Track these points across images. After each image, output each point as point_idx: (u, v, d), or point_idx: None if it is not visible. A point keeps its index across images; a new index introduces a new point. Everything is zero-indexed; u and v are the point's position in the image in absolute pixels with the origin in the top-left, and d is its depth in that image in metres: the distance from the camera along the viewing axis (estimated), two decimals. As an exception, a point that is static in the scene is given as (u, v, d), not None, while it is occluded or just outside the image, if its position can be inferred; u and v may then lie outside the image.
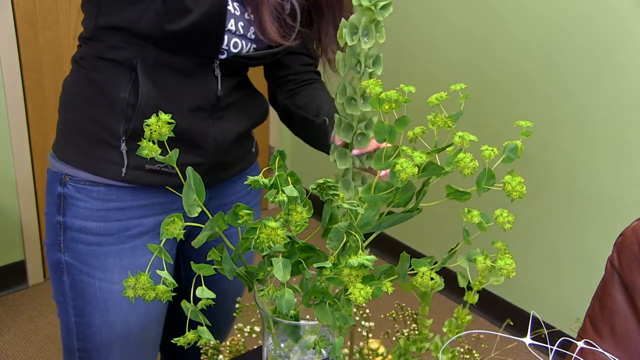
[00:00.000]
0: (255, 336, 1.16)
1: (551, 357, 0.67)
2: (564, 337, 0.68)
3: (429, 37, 2.53)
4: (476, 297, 0.93)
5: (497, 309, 2.44)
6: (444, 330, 0.95)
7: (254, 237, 0.66)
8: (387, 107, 0.71)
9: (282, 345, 0.80)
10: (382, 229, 0.73)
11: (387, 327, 1.06)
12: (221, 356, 1.11)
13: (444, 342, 0.95)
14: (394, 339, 1.01)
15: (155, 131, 0.68)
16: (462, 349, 0.99)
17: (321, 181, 0.69)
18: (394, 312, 1.02)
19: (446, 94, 0.72)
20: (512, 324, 1.12)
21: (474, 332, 0.80)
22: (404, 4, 2.57)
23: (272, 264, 0.66)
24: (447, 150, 0.70)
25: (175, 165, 0.70)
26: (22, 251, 2.54)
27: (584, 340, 0.83)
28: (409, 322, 1.01)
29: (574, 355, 0.69)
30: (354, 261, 0.63)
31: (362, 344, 1.08)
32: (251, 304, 1.13)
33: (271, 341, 0.80)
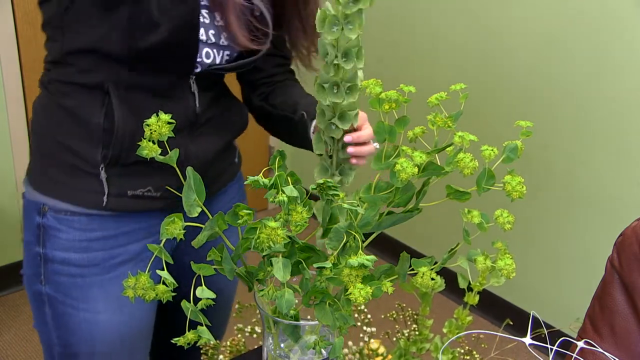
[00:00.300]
0: (255, 336, 1.16)
1: (551, 357, 0.67)
2: (564, 337, 0.68)
3: (429, 36, 2.53)
4: (476, 298, 0.93)
5: (497, 309, 2.44)
6: (444, 330, 0.95)
7: (254, 237, 0.66)
8: (387, 107, 0.71)
9: (282, 345, 0.80)
10: (382, 229, 0.73)
11: (388, 328, 1.06)
12: (221, 356, 1.11)
13: (443, 342, 0.95)
14: (394, 339, 1.01)
15: (155, 131, 0.68)
16: (462, 350, 0.99)
17: (321, 181, 0.68)
18: (394, 313, 1.02)
19: (446, 94, 0.72)
20: (512, 324, 1.12)
21: (474, 332, 0.80)
22: (406, 4, 2.57)
23: (272, 264, 0.66)
24: (447, 150, 0.70)
25: (175, 165, 0.70)
26: (22, 251, 2.53)
27: (584, 340, 0.83)
28: (409, 323, 1.01)
29: (574, 355, 0.69)
30: (354, 261, 0.63)
31: (362, 344, 1.08)
32: (251, 304, 1.13)
33: (271, 341, 0.80)
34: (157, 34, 0.95)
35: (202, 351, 1.10)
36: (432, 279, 0.68)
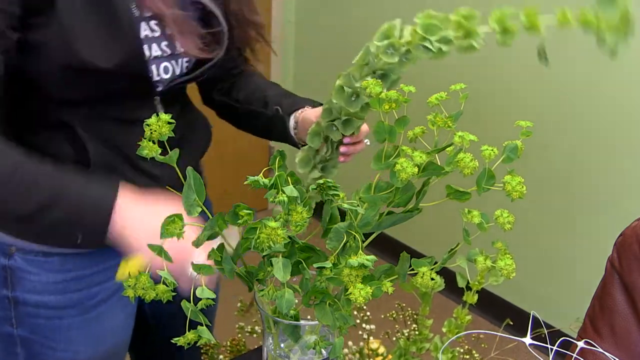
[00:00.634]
0: (255, 336, 1.16)
1: (551, 357, 0.67)
2: (564, 337, 0.68)
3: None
4: (475, 297, 0.93)
5: (497, 309, 2.44)
6: (444, 330, 0.95)
7: (254, 237, 0.66)
8: (387, 107, 0.71)
9: (282, 345, 0.80)
10: (382, 229, 0.73)
11: (387, 327, 1.06)
12: (221, 356, 1.11)
13: (443, 342, 0.95)
14: (394, 339, 1.01)
15: (155, 131, 0.68)
16: (462, 349, 0.99)
17: (321, 181, 0.69)
18: (394, 313, 1.02)
19: (446, 94, 0.72)
20: (512, 323, 1.11)
21: (474, 332, 0.80)
22: (405, 3, 2.57)
23: (272, 264, 0.66)
24: (447, 150, 0.70)
25: (174, 164, 0.70)
26: None
27: (584, 340, 0.83)
28: (409, 323, 1.01)
29: (574, 355, 0.69)
30: (354, 261, 0.63)
31: (362, 344, 1.08)
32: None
33: (271, 341, 0.80)
34: (102, 78, 0.89)
35: (202, 351, 1.11)
36: (432, 279, 0.68)
